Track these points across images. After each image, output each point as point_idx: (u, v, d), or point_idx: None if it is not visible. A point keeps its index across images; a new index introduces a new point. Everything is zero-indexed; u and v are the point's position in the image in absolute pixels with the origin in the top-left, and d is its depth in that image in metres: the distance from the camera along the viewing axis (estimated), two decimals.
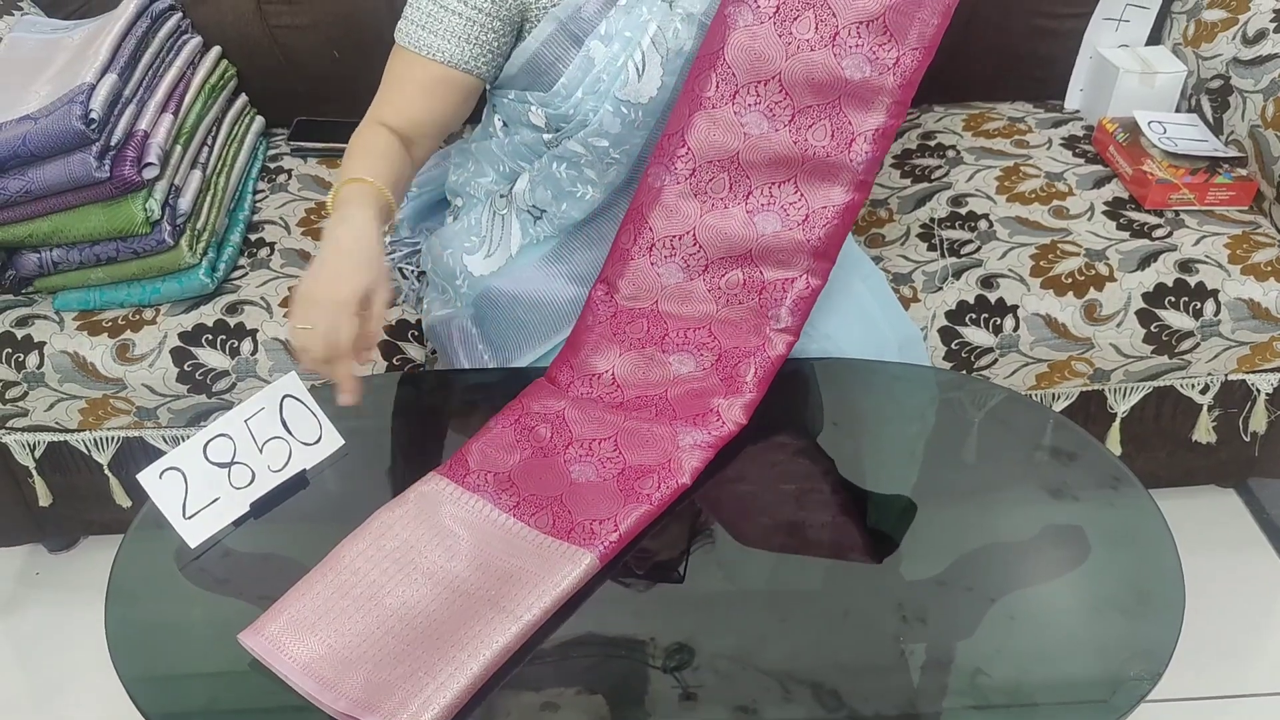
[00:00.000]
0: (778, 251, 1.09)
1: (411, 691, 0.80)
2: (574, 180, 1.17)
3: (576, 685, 0.85)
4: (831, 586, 0.93)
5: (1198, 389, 1.44)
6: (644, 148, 1.14)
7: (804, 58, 1.06)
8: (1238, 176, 1.43)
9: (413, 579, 0.89)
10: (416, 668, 0.81)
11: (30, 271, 1.37)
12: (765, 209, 1.09)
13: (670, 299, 1.11)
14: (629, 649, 0.87)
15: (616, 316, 1.12)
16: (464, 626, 0.84)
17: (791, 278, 1.09)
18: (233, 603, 0.92)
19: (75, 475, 1.48)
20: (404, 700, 0.79)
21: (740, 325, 1.09)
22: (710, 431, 1.02)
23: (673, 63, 1.10)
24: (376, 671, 0.82)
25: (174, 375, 1.35)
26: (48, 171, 1.28)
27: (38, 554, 1.67)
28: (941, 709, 0.82)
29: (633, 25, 1.09)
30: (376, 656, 0.83)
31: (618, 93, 1.10)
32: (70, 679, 1.47)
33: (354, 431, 1.05)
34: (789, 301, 1.09)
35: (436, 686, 0.80)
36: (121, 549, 0.96)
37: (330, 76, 1.69)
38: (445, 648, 0.83)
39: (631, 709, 0.83)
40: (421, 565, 0.90)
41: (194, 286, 1.38)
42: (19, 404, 1.39)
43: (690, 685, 0.83)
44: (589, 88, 1.11)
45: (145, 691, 0.84)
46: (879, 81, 1.06)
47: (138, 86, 1.39)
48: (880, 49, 1.05)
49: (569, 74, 1.12)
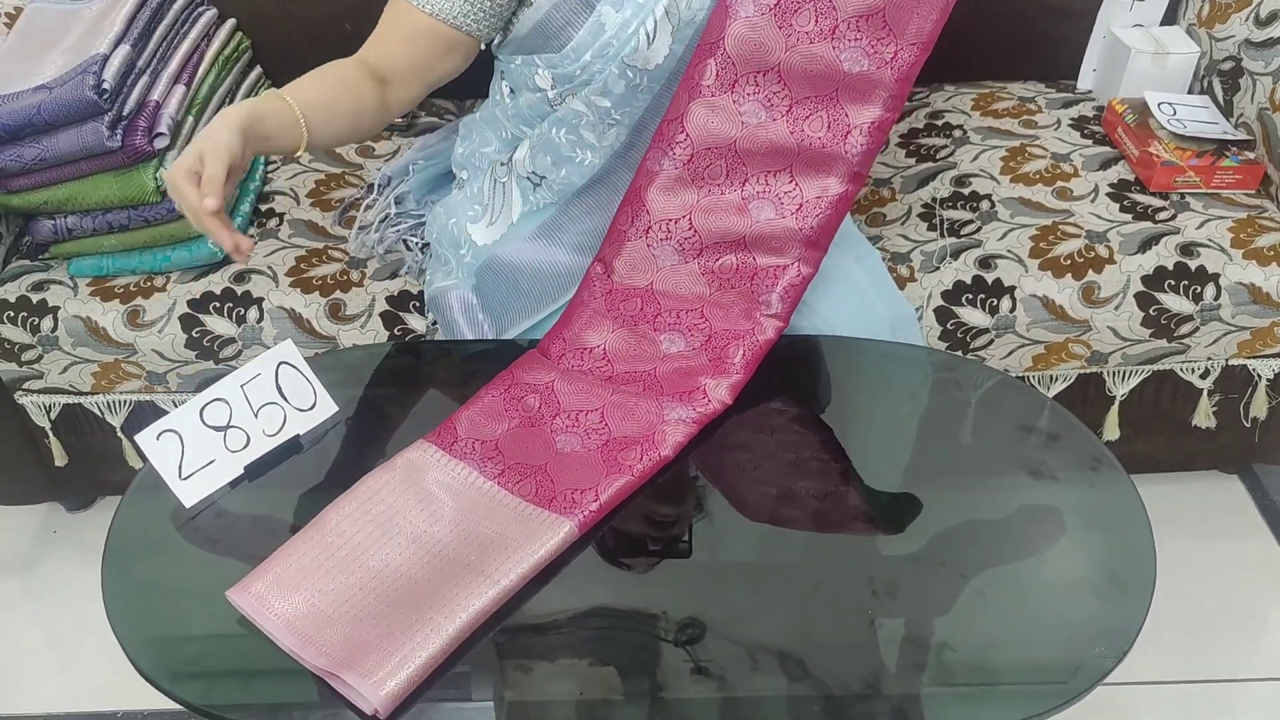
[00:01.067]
0: (771, 239, 1.11)
1: (389, 650, 0.82)
2: (573, 145, 1.18)
3: (562, 654, 0.87)
4: (806, 560, 0.95)
5: (1198, 373, 1.44)
6: (646, 112, 1.15)
7: (803, 50, 1.07)
8: (1245, 160, 1.42)
9: (396, 542, 0.92)
10: (395, 627, 0.84)
11: (45, 238, 1.40)
12: (760, 197, 1.11)
13: (664, 280, 1.13)
14: (610, 619, 0.90)
15: (612, 294, 1.13)
16: (443, 589, 0.87)
17: (784, 265, 1.11)
18: (226, 562, 0.95)
19: (90, 437, 1.52)
20: (381, 658, 0.82)
21: (731, 309, 1.11)
22: (695, 408, 1.04)
23: (683, 32, 1.11)
24: (356, 630, 0.85)
25: (182, 341, 1.38)
26: (61, 140, 1.31)
27: (56, 513, 1.72)
28: (905, 682, 0.84)
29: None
30: (356, 615, 0.86)
31: (626, 58, 1.11)
32: (87, 634, 1.53)
33: (348, 399, 1.08)
34: (780, 288, 1.10)
35: (413, 646, 0.82)
36: (120, 509, 0.99)
37: (344, 49, 1.70)
38: (424, 609, 0.85)
39: (615, 674, 0.86)
40: (405, 529, 0.93)
41: (203, 255, 1.41)
42: (34, 366, 1.43)
43: (685, 658, 0.85)
44: (598, 51, 1.12)
45: (140, 647, 0.87)
46: (877, 75, 1.07)
47: (151, 57, 1.42)
48: (879, 43, 1.06)
49: (579, 38, 1.12)
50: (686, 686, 0.84)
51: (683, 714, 0.84)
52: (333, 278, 1.41)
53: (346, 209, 1.52)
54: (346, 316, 1.38)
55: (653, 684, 0.85)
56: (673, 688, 0.84)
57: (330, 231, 1.49)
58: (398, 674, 0.81)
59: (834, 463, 1.04)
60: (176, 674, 0.87)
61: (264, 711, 0.86)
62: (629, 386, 1.07)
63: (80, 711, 1.46)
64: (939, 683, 0.84)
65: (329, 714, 0.82)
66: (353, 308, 1.39)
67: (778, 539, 0.96)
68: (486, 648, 0.86)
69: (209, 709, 0.84)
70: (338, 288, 1.40)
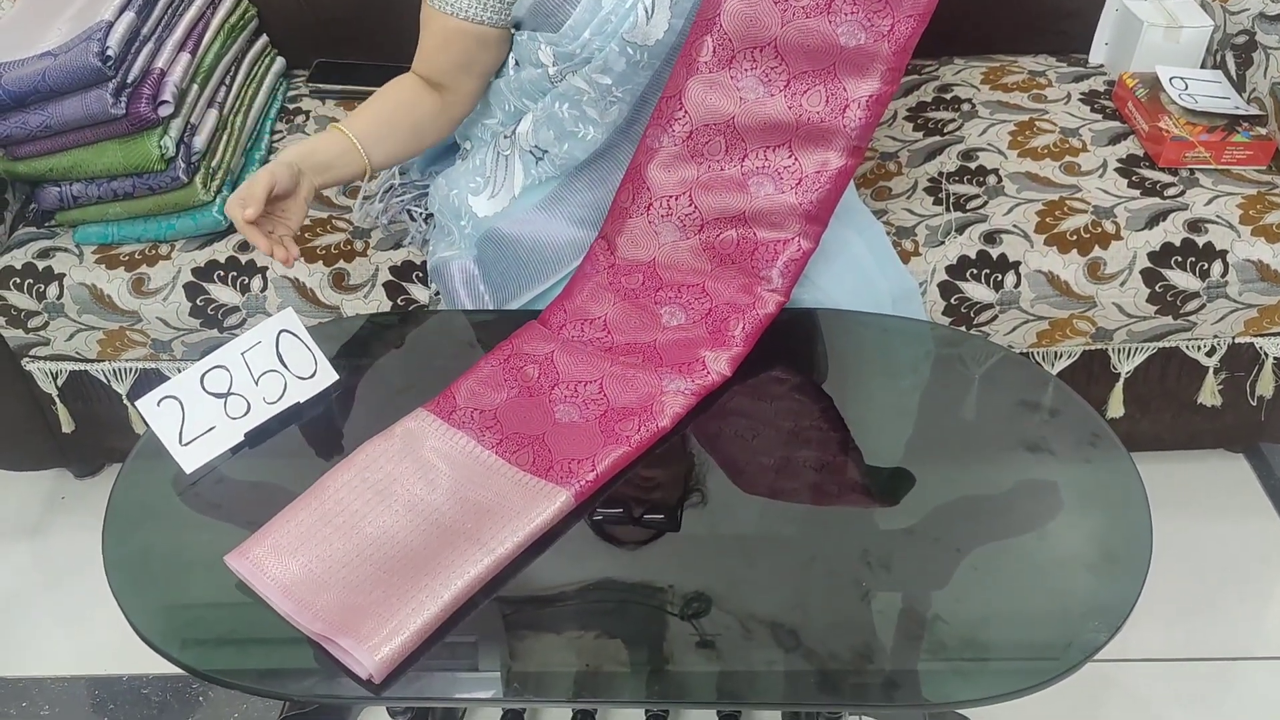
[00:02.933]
0: (771, 214, 1.10)
1: (384, 616, 0.83)
2: (576, 120, 1.18)
3: (565, 626, 0.88)
4: (803, 532, 0.95)
5: (1204, 351, 1.43)
6: (647, 88, 1.15)
7: (799, 24, 1.06)
8: (1256, 135, 1.40)
9: (393, 509, 0.92)
10: (390, 594, 0.85)
11: (52, 205, 1.41)
12: (760, 172, 1.10)
13: (666, 255, 1.13)
14: (613, 592, 0.90)
15: (614, 269, 1.14)
16: (438, 556, 0.87)
17: (784, 239, 1.10)
18: (227, 528, 0.95)
19: (96, 404, 1.53)
20: (377, 624, 0.82)
21: (732, 283, 1.11)
22: (694, 380, 1.04)
23: (680, 5, 1.10)
24: (352, 595, 0.85)
25: (187, 309, 1.39)
26: (66, 107, 1.31)
27: (64, 479, 1.74)
28: (899, 656, 0.84)
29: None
30: (353, 581, 0.87)
31: (625, 34, 1.11)
32: (95, 599, 1.54)
33: (348, 367, 1.08)
34: (780, 263, 1.10)
35: (408, 612, 0.83)
36: (121, 475, 1.00)
37: (350, 19, 1.70)
38: (419, 576, 0.86)
39: (599, 640, 0.86)
40: (402, 496, 0.93)
41: (208, 223, 1.42)
42: (40, 333, 1.44)
43: (691, 631, 0.85)
44: (596, 29, 1.12)
45: (141, 612, 0.88)
46: (874, 48, 1.06)
47: (156, 25, 1.41)
48: (875, 16, 1.05)
49: (576, 15, 1.12)
50: (686, 659, 0.84)
51: (682, 685, 0.84)
52: (336, 247, 1.41)
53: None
54: (350, 286, 1.39)
55: (655, 656, 0.85)
56: (675, 660, 0.84)
57: (334, 202, 1.49)
58: (392, 640, 0.81)
59: (832, 436, 1.04)
60: (177, 639, 0.87)
61: (262, 676, 0.86)
62: (628, 358, 1.07)
63: (88, 675, 1.48)
64: (933, 656, 0.84)
65: (325, 679, 0.83)
66: (356, 277, 1.39)
67: (774, 512, 0.96)
68: (490, 619, 0.87)
69: (210, 673, 0.85)
70: (341, 257, 1.40)
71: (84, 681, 1.47)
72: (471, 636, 0.86)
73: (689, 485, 0.99)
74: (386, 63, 1.71)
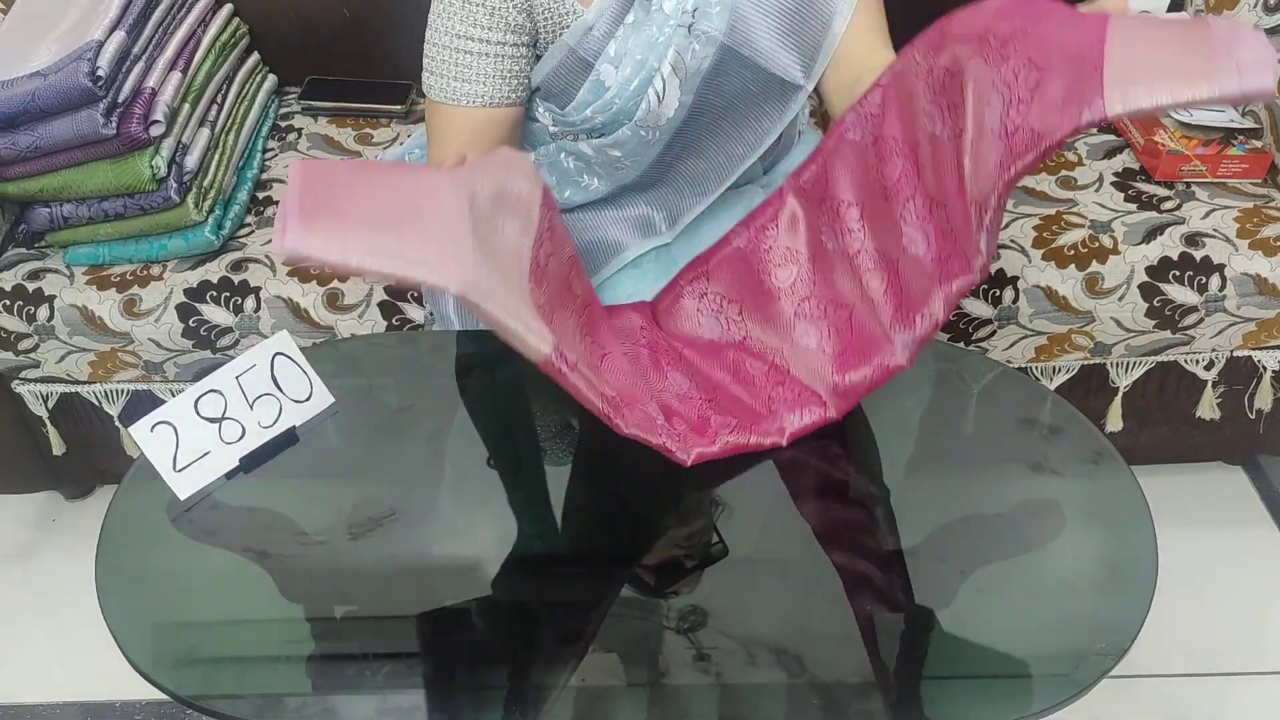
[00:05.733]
0: (805, 370, 1.03)
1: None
2: (581, 171, 1.18)
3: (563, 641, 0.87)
4: (804, 554, 0.94)
5: (1202, 365, 1.42)
6: (658, 157, 1.14)
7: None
8: (1252, 149, 1.41)
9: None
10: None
11: (42, 226, 1.39)
12: (811, 319, 1.03)
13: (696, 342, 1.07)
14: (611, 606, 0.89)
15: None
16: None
17: (811, 402, 1.01)
18: (221, 554, 0.95)
19: (87, 426, 1.52)
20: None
21: (736, 405, 1.03)
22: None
23: (690, 82, 1.09)
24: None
25: (179, 330, 1.37)
26: (56, 127, 1.30)
27: (55, 501, 1.72)
28: (903, 678, 0.83)
29: (644, 46, 1.08)
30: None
31: (638, 121, 1.10)
32: (85, 623, 1.51)
33: (344, 389, 1.07)
34: (789, 417, 1.00)
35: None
36: (115, 499, 0.99)
37: (342, 35, 1.69)
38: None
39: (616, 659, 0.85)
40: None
41: (200, 244, 1.40)
42: (31, 355, 1.42)
43: (686, 645, 0.84)
44: (600, 108, 1.11)
45: (133, 639, 0.87)
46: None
47: (147, 44, 1.40)
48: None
49: (580, 96, 1.11)
50: (687, 674, 0.83)
51: (682, 702, 0.83)
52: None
53: None
54: (344, 306, 1.37)
55: (653, 672, 0.84)
56: (673, 675, 0.83)
57: None
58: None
59: (833, 453, 1.03)
60: (169, 664, 0.86)
61: (256, 702, 0.85)
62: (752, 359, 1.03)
63: (79, 700, 1.46)
64: (939, 679, 0.83)
65: (322, 703, 0.82)
66: (350, 297, 1.38)
67: (773, 534, 0.95)
68: (489, 635, 0.85)
69: (197, 700, 0.83)
70: (335, 277, 1.39)
71: (76, 708, 1.45)
72: (479, 655, 0.84)
73: (685, 507, 0.98)
74: (378, 79, 1.71)
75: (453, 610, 0.90)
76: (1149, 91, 0.72)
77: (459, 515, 0.98)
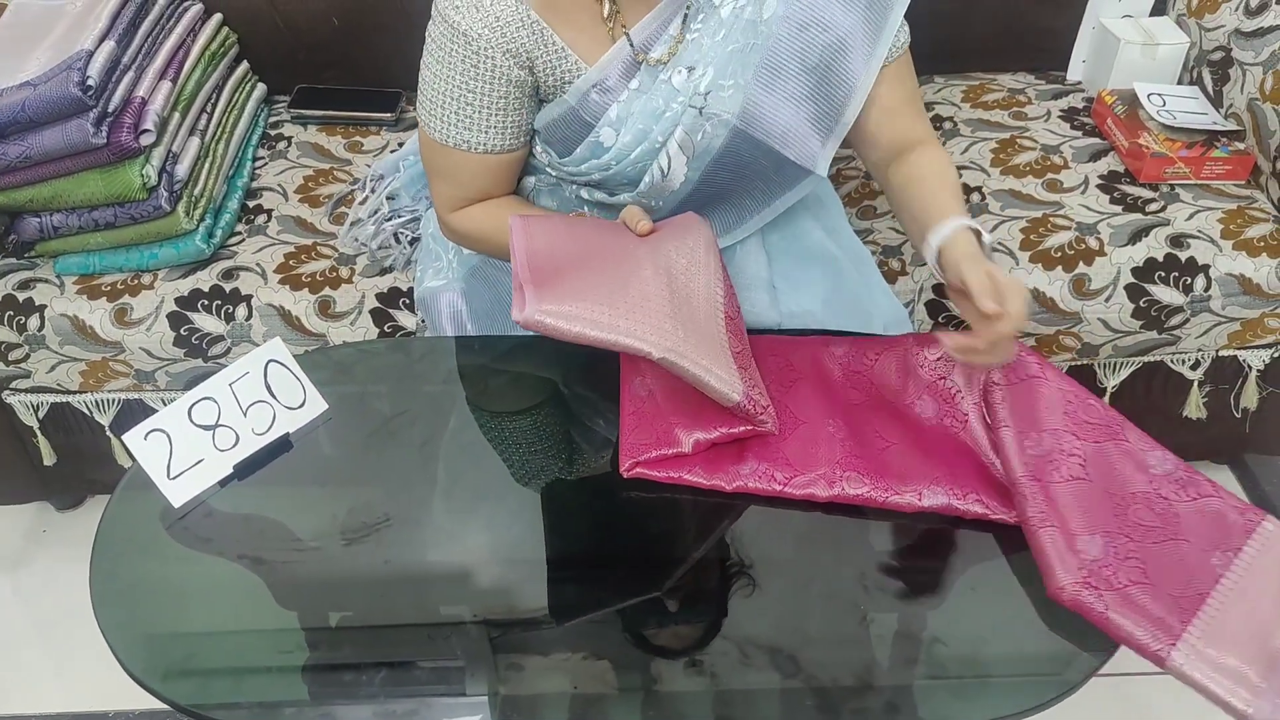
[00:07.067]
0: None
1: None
2: (581, 204, 1.18)
3: (555, 649, 0.87)
4: (798, 556, 0.94)
5: (1188, 365, 1.44)
6: (657, 216, 1.13)
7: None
8: (1234, 150, 1.42)
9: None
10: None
11: (32, 236, 1.39)
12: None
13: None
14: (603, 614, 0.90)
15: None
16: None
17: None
18: (216, 562, 0.95)
19: (78, 436, 1.52)
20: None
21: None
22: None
23: (699, 160, 1.08)
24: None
25: (170, 339, 1.37)
26: (46, 137, 1.30)
27: (45, 512, 1.72)
28: (896, 677, 0.84)
29: (647, 115, 1.07)
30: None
31: (642, 192, 1.10)
32: (78, 634, 1.52)
33: (337, 396, 1.07)
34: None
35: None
36: (109, 508, 0.99)
37: (330, 44, 1.70)
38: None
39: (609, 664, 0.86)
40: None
41: (191, 252, 1.41)
42: (21, 365, 1.42)
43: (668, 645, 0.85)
44: (598, 167, 1.11)
45: (128, 648, 0.87)
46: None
47: (136, 53, 1.41)
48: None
49: (579, 152, 1.11)
50: (680, 681, 0.84)
51: (676, 708, 0.83)
52: (322, 274, 1.41)
53: (337, 204, 1.51)
54: (336, 314, 1.38)
55: (646, 678, 0.85)
56: (666, 681, 0.84)
57: (319, 228, 1.48)
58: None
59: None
60: (164, 673, 0.86)
61: (253, 710, 0.85)
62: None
63: (73, 711, 1.45)
64: (932, 678, 0.84)
65: (318, 710, 0.82)
66: (342, 304, 1.38)
67: (767, 537, 0.96)
68: (480, 643, 0.86)
69: (196, 709, 0.83)
70: (327, 284, 1.39)
71: (67, 718, 1.45)
72: (471, 664, 0.85)
73: (678, 511, 0.98)
74: (367, 87, 1.71)
75: (446, 616, 0.90)
76: (1218, 655, 0.80)
77: (452, 521, 0.98)
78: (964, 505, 0.92)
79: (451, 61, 1.04)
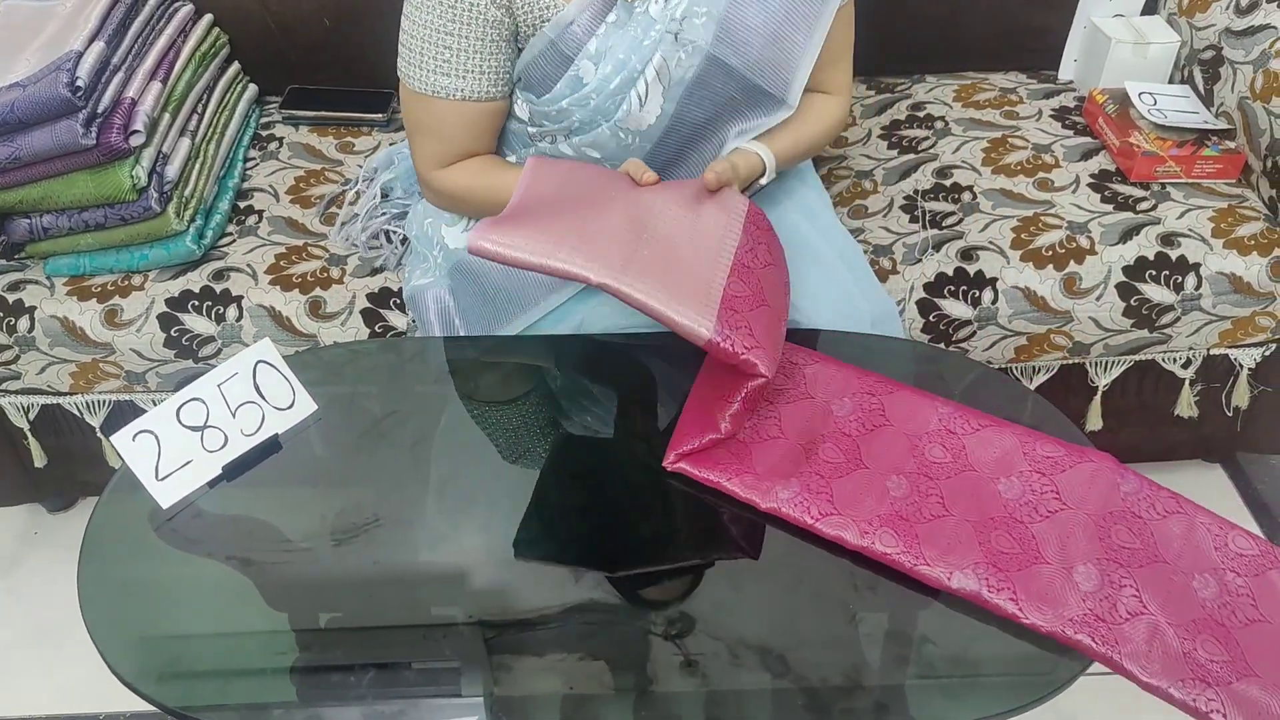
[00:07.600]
0: None
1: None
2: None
3: (549, 649, 0.87)
4: (787, 555, 0.94)
5: (1179, 363, 1.44)
6: (638, 155, 1.15)
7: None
8: (1225, 149, 1.42)
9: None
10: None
11: (21, 237, 1.39)
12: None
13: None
14: (597, 614, 0.89)
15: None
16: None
17: None
18: (204, 563, 0.94)
19: (69, 437, 1.51)
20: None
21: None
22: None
23: (674, 90, 1.10)
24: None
25: (161, 340, 1.37)
26: (36, 138, 1.29)
27: (37, 514, 1.71)
28: (886, 677, 0.84)
29: (626, 46, 1.09)
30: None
31: (618, 121, 1.11)
32: (69, 635, 1.52)
33: (327, 397, 1.07)
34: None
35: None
36: (96, 510, 0.98)
37: (322, 45, 1.69)
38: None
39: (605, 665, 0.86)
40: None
41: (181, 253, 1.40)
42: (11, 367, 1.42)
43: (674, 652, 0.85)
44: (576, 102, 1.12)
45: (117, 650, 0.87)
46: None
47: (126, 54, 1.40)
48: None
49: (557, 89, 1.12)
50: (673, 681, 0.83)
51: (669, 708, 0.83)
52: (313, 275, 1.40)
53: (329, 204, 1.51)
54: (327, 314, 1.37)
55: (640, 678, 0.84)
56: (660, 682, 0.84)
57: (310, 228, 1.48)
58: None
59: None
60: (153, 676, 0.86)
61: (242, 712, 0.85)
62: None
63: (64, 713, 1.45)
64: (921, 677, 0.84)
65: (306, 712, 0.82)
66: (333, 305, 1.38)
67: (760, 533, 0.96)
68: (474, 643, 0.86)
69: (183, 710, 0.83)
70: (318, 285, 1.39)
71: None
72: (465, 665, 0.84)
73: (667, 509, 0.98)
74: (358, 88, 1.71)
75: (436, 617, 0.90)
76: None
77: (443, 521, 0.98)
78: (994, 599, 0.86)
79: (429, 5, 1.07)
